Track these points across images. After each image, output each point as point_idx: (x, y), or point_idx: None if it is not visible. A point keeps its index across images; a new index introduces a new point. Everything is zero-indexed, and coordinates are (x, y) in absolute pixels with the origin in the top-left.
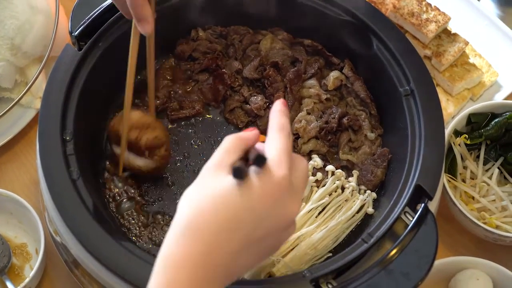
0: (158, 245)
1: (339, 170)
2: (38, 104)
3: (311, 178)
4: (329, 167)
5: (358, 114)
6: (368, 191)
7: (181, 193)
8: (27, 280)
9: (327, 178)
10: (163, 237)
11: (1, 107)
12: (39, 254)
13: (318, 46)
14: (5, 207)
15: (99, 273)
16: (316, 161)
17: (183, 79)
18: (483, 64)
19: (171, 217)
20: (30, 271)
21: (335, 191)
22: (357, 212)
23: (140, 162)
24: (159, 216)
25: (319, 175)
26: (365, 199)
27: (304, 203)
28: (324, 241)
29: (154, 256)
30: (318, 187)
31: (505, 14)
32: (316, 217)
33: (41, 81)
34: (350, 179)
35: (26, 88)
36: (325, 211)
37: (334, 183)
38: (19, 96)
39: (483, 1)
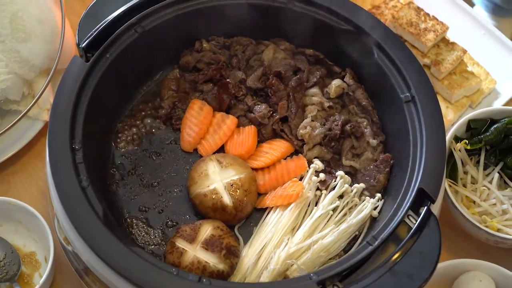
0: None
1: (346, 176)
2: (45, 116)
3: (314, 179)
4: (340, 172)
5: (360, 121)
6: (378, 195)
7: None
8: (37, 287)
9: (334, 181)
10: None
11: (9, 119)
12: (48, 262)
13: (320, 56)
14: (14, 216)
15: (110, 278)
16: (317, 164)
17: (188, 90)
18: (481, 72)
19: (176, 222)
20: (39, 279)
21: (343, 196)
22: None
23: (211, 259)
24: (167, 221)
25: (322, 175)
26: (376, 203)
27: (315, 207)
28: (336, 244)
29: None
30: (326, 189)
31: (498, 24)
32: (327, 221)
33: (48, 94)
34: (355, 185)
35: (34, 100)
36: (335, 215)
37: (343, 186)
38: (27, 108)
39: (478, 10)
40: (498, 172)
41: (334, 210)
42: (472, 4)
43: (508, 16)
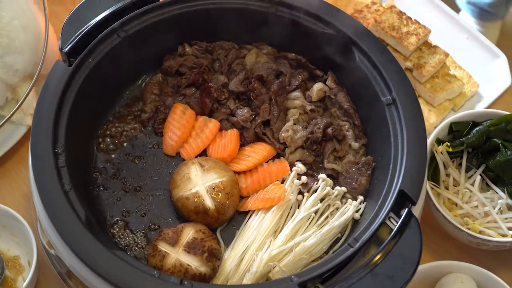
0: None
1: (328, 178)
2: (29, 121)
3: (296, 182)
4: (322, 175)
5: (342, 124)
6: (361, 198)
7: (168, 198)
8: None
9: (316, 184)
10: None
11: None
12: (31, 266)
13: (302, 59)
14: None
15: (93, 282)
16: (299, 167)
17: (171, 94)
18: (463, 75)
19: (158, 225)
20: (23, 283)
21: (325, 198)
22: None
23: (193, 262)
24: (150, 225)
25: (304, 178)
26: (358, 205)
27: (297, 210)
28: (318, 246)
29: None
30: (308, 192)
31: (484, 29)
32: (309, 224)
33: (32, 98)
34: (337, 187)
35: (17, 105)
36: (317, 217)
37: (325, 189)
38: (10, 113)
39: (463, 15)
40: (480, 175)
41: (316, 212)
42: (458, 10)
43: (494, 21)
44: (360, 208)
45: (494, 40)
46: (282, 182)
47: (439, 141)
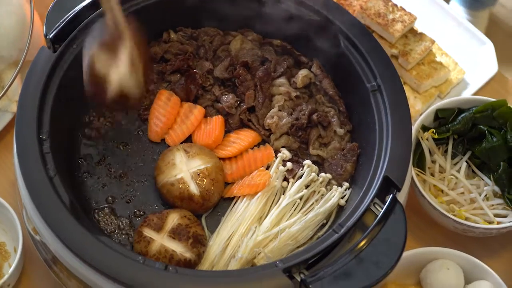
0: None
1: (313, 165)
2: (14, 107)
3: (281, 168)
4: (307, 162)
5: (327, 110)
6: (346, 184)
7: (153, 184)
8: (6, 277)
9: (301, 170)
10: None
11: None
12: (17, 252)
13: (287, 46)
14: None
15: (78, 267)
16: (285, 153)
17: (156, 80)
18: (450, 62)
19: (143, 211)
20: (9, 269)
21: (310, 184)
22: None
23: (178, 247)
24: (135, 211)
25: (289, 164)
26: (343, 192)
27: (282, 195)
28: (303, 232)
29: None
30: (293, 178)
31: (473, 18)
32: (294, 210)
33: (17, 85)
34: (322, 174)
35: (3, 92)
36: (302, 203)
37: (310, 175)
38: None
39: (453, 5)
40: (466, 161)
41: (301, 199)
42: (447, 0)
43: (483, 9)
44: (345, 194)
45: (483, 29)
46: (267, 168)
47: (424, 128)
